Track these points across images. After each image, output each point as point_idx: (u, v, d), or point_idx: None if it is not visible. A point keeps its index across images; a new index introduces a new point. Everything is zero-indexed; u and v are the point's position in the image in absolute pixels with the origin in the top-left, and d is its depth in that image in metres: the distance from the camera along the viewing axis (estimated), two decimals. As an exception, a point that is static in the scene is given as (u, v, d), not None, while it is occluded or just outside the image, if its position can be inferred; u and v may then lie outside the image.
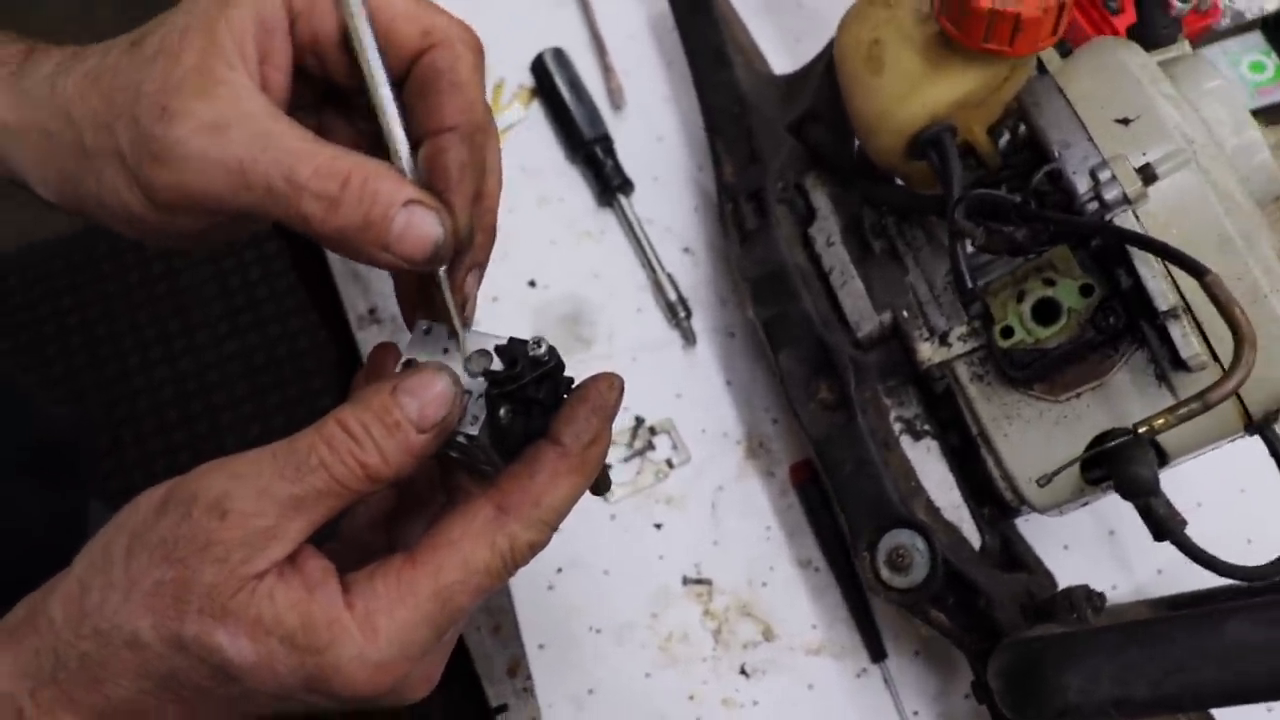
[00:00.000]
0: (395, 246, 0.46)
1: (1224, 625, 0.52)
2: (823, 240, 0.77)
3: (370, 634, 0.43)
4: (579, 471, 0.47)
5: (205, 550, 0.42)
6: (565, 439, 0.47)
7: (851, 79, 0.68)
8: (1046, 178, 0.63)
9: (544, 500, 0.47)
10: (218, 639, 0.42)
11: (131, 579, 0.43)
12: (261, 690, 0.43)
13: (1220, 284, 0.53)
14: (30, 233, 2.29)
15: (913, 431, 0.74)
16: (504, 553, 0.46)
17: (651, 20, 1.03)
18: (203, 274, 2.28)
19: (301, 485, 0.43)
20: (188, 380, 2.19)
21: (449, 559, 0.45)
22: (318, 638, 0.43)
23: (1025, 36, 0.60)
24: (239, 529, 0.42)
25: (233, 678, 0.43)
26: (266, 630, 0.42)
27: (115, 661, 0.43)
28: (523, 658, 0.80)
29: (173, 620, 0.42)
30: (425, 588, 0.44)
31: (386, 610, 0.44)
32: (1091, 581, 0.71)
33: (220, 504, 0.42)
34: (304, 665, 0.43)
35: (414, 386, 0.45)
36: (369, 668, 0.43)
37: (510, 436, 0.48)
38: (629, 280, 0.92)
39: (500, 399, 0.47)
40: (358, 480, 0.44)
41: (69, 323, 2.24)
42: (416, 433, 0.44)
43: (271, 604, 0.42)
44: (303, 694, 0.44)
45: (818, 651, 0.80)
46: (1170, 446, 0.63)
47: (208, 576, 0.42)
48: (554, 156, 0.97)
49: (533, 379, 0.47)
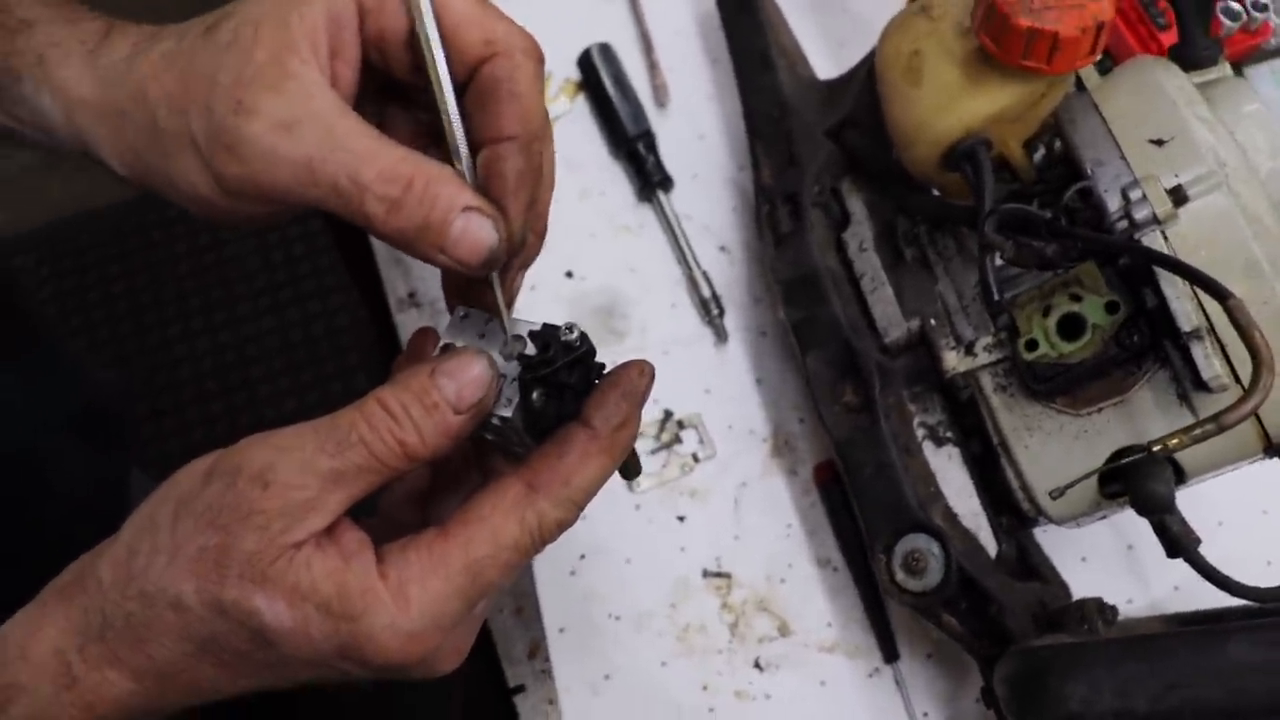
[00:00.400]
0: (451, 250, 0.48)
1: (1226, 644, 0.53)
2: (856, 245, 0.79)
3: (403, 604, 0.45)
4: (607, 453, 0.49)
5: (247, 519, 0.44)
6: (595, 421, 0.49)
7: (891, 88, 0.70)
8: (1078, 195, 0.64)
9: (573, 480, 0.48)
10: (256, 603, 0.44)
11: (176, 544, 0.45)
12: (297, 656, 0.45)
13: (1242, 308, 0.53)
14: (83, 200, 2.34)
15: (935, 438, 0.75)
16: (533, 529, 0.47)
17: (699, 18, 1.05)
18: (247, 247, 2.32)
19: (341, 460, 0.44)
20: (227, 351, 2.23)
21: (479, 533, 0.47)
22: (352, 606, 0.44)
23: (1063, 55, 0.60)
24: (280, 499, 0.44)
25: (270, 642, 0.45)
26: (303, 597, 0.44)
27: (159, 623, 0.45)
28: (543, 640, 0.81)
29: (214, 584, 0.44)
30: (456, 560, 0.46)
31: (419, 581, 0.45)
32: (1107, 595, 0.72)
33: (263, 475, 0.44)
34: (338, 632, 0.44)
35: (452, 369, 0.46)
36: (400, 637, 0.45)
37: (542, 419, 0.50)
38: (664, 275, 0.94)
39: (533, 383, 0.49)
40: (396, 458, 0.45)
41: (115, 289, 2.29)
42: (453, 414, 0.46)
43: (309, 572, 0.44)
44: (336, 660, 0.46)
45: (832, 649, 0.81)
46: (1188, 465, 0.64)
47: (249, 544, 0.44)
48: (597, 150, 0.99)
49: (565, 364, 0.49)
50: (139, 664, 0.45)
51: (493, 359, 0.48)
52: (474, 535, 0.47)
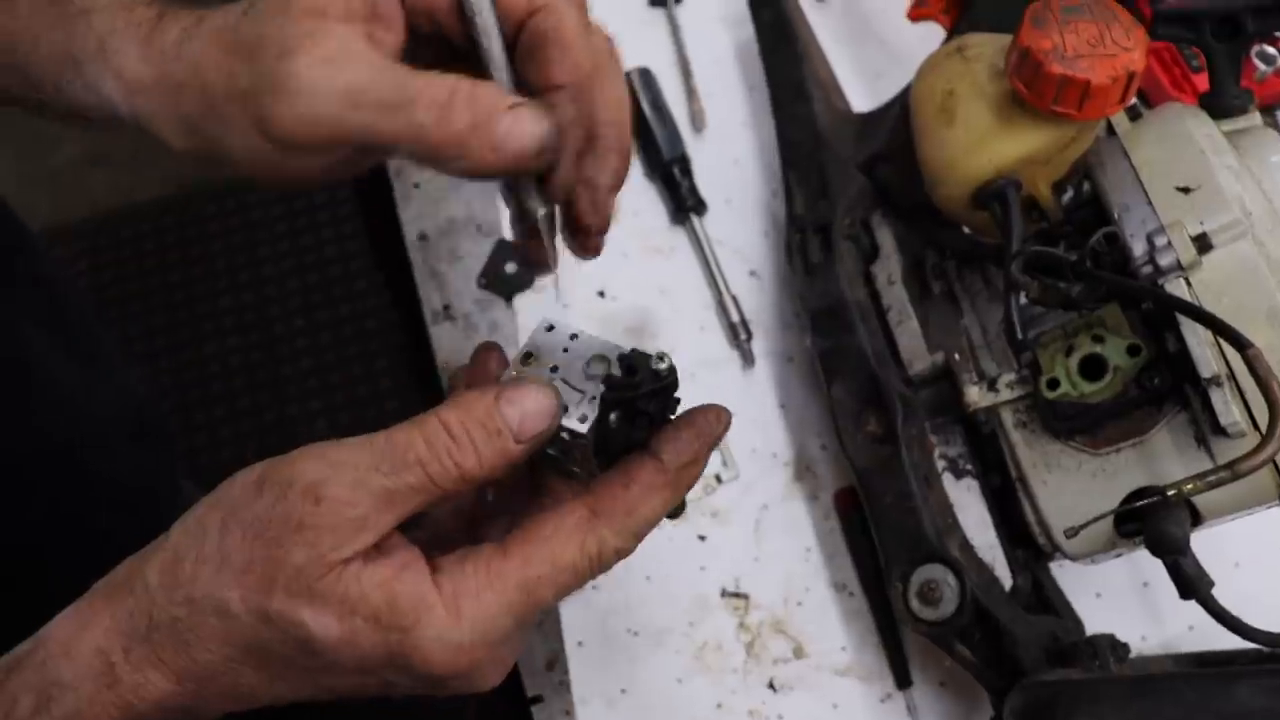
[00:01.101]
0: (504, 145, 0.48)
1: (1232, 688, 0.54)
2: (884, 278, 0.80)
3: (455, 616, 0.45)
4: (671, 488, 0.49)
5: (297, 533, 0.44)
6: (665, 455, 0.49)
7: (923, 126, 0.71)
8: (1104, 239, 0.65)
9: (636, 511, 0.48)
10: (302, 616, 0.44)
11: (224, 554, 0.45)
12: (343, 664, 0.45)
13: (1261, 358, 0.54)
14: (125, 194, 2.38)
15: (956, 470, 0.76)
16: (592, 555, 0.48)
17: (738, 46, 1.06)
18: (281, 249, 2.34)
19: (396, 480, 0.45)
20: (255, 350, 2.25)
21: (538, 553, 0.47)
22: (403, 616, 0.45)
23: (1093, 103, 0.62)
24: (331, 516, 0.44)
25: (316, 652, 0.45)
26: (352, 609, 0.44)
27: (203, 628, 0.45)
28: (561, 653, 0.83)
29: (260, 595, 0.44)
30: (513, 578, 0.46)
31: (473, 595, 0.45)
32: (1121, 631, 0.73)
33: (315, 490, 0.44)
34: (387, 642, 0.45)
35: (518, 397, 0.47)
36: (450, 649, 0.45)
37: (612, 442, 0.50)
38: (695, 298, 0.95)
39: (613, 404, 0.49)
40: (451, 480, 0.46)
41: (150, 284, 2.32)
42: (514, 443, 0.47)
43: (358, 585, 0.44)
44: (382, 669, 0.46)
45: (845, 673, 0.83)
46: (1205, 509, 0.65)
47: (297, 558, 0.44)
48: (633, 172, 0.99)
49: (648, 392, 0.49)
50: (181, 666, 0.46)
51: (558, 392, 0.49)
52: (533, 555, 0.47)
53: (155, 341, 2.26)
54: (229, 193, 2.39)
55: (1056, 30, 0.62)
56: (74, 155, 2.44)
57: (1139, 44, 0.62)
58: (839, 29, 1.08)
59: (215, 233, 2.37)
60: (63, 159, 2.43)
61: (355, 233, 2.35)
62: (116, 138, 1.94)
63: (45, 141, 2.42)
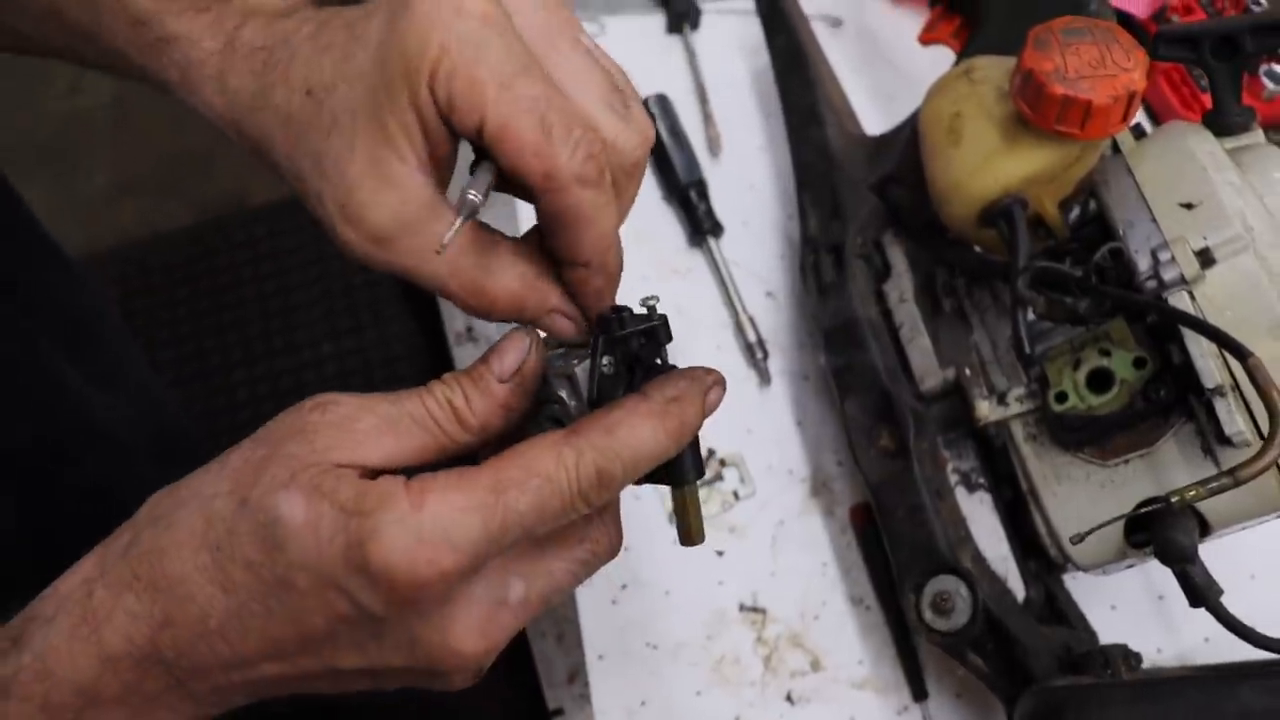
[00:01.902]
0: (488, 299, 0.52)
1: (1236, 690, 0.55)
2: (896, 296, 0.82)
3: (417, 505, 0.44)
4: (656, 417, 0.48)
5: (299, 434, 0.46)
6: (650, 390, 0.50)
7: (932, 147, 0.73)
8: (1109, 254, 0.66)
9: (616, 430, 0.48)
10: (277, 498, 0.44)
11: (224, 460, 0.47)
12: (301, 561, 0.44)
13: (1261, 367, 0.56)
14: (155, 224, 2.42)
15: (968, 484, 0.77)
16: (568, 465, 0.46)
17: (753, 73, 1.09)
18: (308, 276, 2.39)
19: (398, 407, 0.47)
20: (283, 377, 2.29)
21: (512, 461, 0.46)
22: (366, 502, 0.44)
23: (1095, 122, 0.64)
24: (335, 426, 0.46)
25: (278, 543, 0.44)
26: (323, 494, 0.44)
27: (182, 528, 0.46)
28: (582, 666, 0.84)
29: (246, 482, 0.45)
30: (483, 480, 0.45)
31: (438, 490, 0.45)
32: (1137, 644, 0.73)
33: (324, 405, 0.47)
34: (347, 529, 0.44)
35: (499, 347, 0.50)
36: (409, 536, 0.43)
37: (606, 393, 0.51)
38: (712, 318, 0.97)
39: (608, 346, 0.51)
40: (447, 419, 0.48)
41: (180, 313, 2.36)
42: (497, 382, 0.49)
43: (336, 478, 0.45)
44: (341, 572, 0.44)
45: (862, 686, 0.84)
46: (1212, 518, 0.65)
47: (289, 449, 0.46)
48: (651, 196, 1.03)
49: (637, 331, 0.51)
50: (151, 580, 0.46)
51: (537, 333, 0.51)
52: (506, 463, 0.46)
53: (185, 368, 2.30)
54: (257, 220, 2.43)
55: (1058, 52, 0.64)
56: (104, 185, 2.49)
57: (1139, 64, 0.63)
58: (853, 54, 1.10)
59: (244, 260, 2.41)
60: (93, 189, 2.48)
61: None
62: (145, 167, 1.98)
63: (76, 172, 2.48)
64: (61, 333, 0.82)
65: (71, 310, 0.89)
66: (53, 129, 2.54)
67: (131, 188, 2.49)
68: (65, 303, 0.88)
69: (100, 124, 2.57)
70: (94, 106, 2.58)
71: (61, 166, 2.48)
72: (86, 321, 0.90)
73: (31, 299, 0.79)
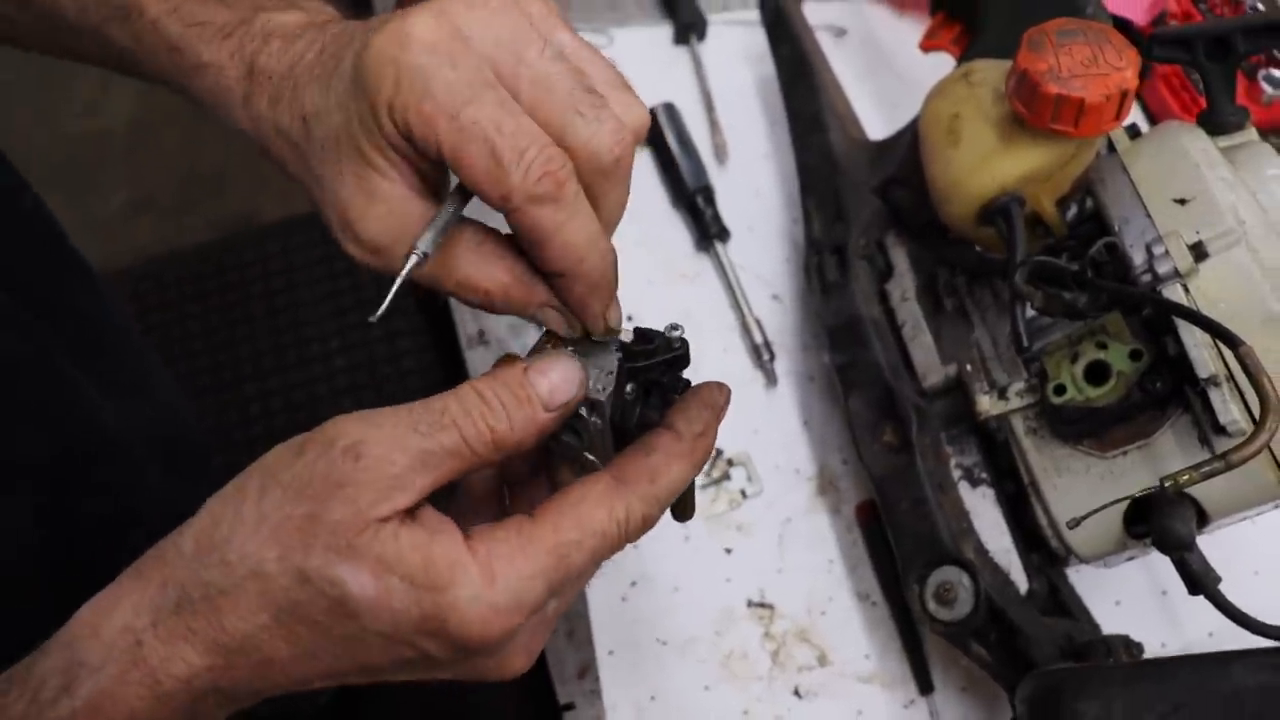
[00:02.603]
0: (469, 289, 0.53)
1: (1228, 667, 0.56)
2: (898, 295, 0.83)
3: (489, 578, 0.46)
4: (689, 457, 0.52)
5: (338, 489, 0.45)
6: (679, 426, 0.52)
7: (932, 148, 0.75)
8: (1105, 249, 0.68)
9: (658, 478, 0.51)
10: (339, 572, 0.45)
11: (262, 514, 0.46)
12: (375, 629, 0.46)
13: (1252, 355, 0.57)
14: (170, 241, 2.45)
15: (971, 478, 0.79)
16: (620, 519, 0.49)
17: (759, 81, 1.11)
18: (319, 292, 2.41)
19: (432, 440, 0.46)
20: (296, 390, 2.31)
21: (568, 518, 0.48)
22: (438, 576, 0.45)
23: (1089, 120, 0.65)
24: (371, 473, 0.45)
25: (350, 614, 0.46)
26: (388, 567, 0.45)
27: (238, 591, 0.46)
28: (593, 662, 0.86)
29: (298, 553, 0.45)
30: (544, 542, 0.47)
31: (506, 557, 0.46)
32: (1141, 638, 0.75)
33: (355, 448, 0.46)
34: (421, 602, 0.45)
35: (546, 368, 0.50)
36: (485, 610, 0.46)
37: (628, 417, 0.52)
38: (719, 321, 0.99)
39: (630, 374, 0.52)
40: (484, 444, 0.47)
41: (193, 328, 2.39)
42: (544, 410, 0.49)
43: (395, 544, 0.45)
44: (416, 636, 0.46)
45: (869, 680, 0.85)
46: (1210, 507, 0.67)
47: (336, 514, 0.45)
48: (659, 202, 1.04)
49: (663, 360, 0.53)
50: (212, 637, 0.46)
51: (584, 365, 0.51)
52: (562, 521, 0.48)
53: (198, 381, 2.32)
54: (269, 237, 2.46)
55: (1052, 53, 0.66)
56: (121, 204, 2.52)
57: (1131, 64, 0.65)
58: (856, 63, 1.12)
59: (256, 276, 2.44)
60: (111, 208, 2.51)
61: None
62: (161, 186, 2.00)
63: (94, 191, 2.51)
64: (77, 341, 0.83)
65: (88, 319, 0.90)
66: (70, 149, 2.58)
67: (148, 206, 2.53)
68: (82, 312, 0.89)
69: (117, 145, 2.61)
70: (111, 128, 2.62)
71: (79, 186, 2.51)
72: (103, 331, 0.91)
73: (46, 306, 0.80)
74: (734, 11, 1.16)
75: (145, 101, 2.64)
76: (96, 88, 2.66)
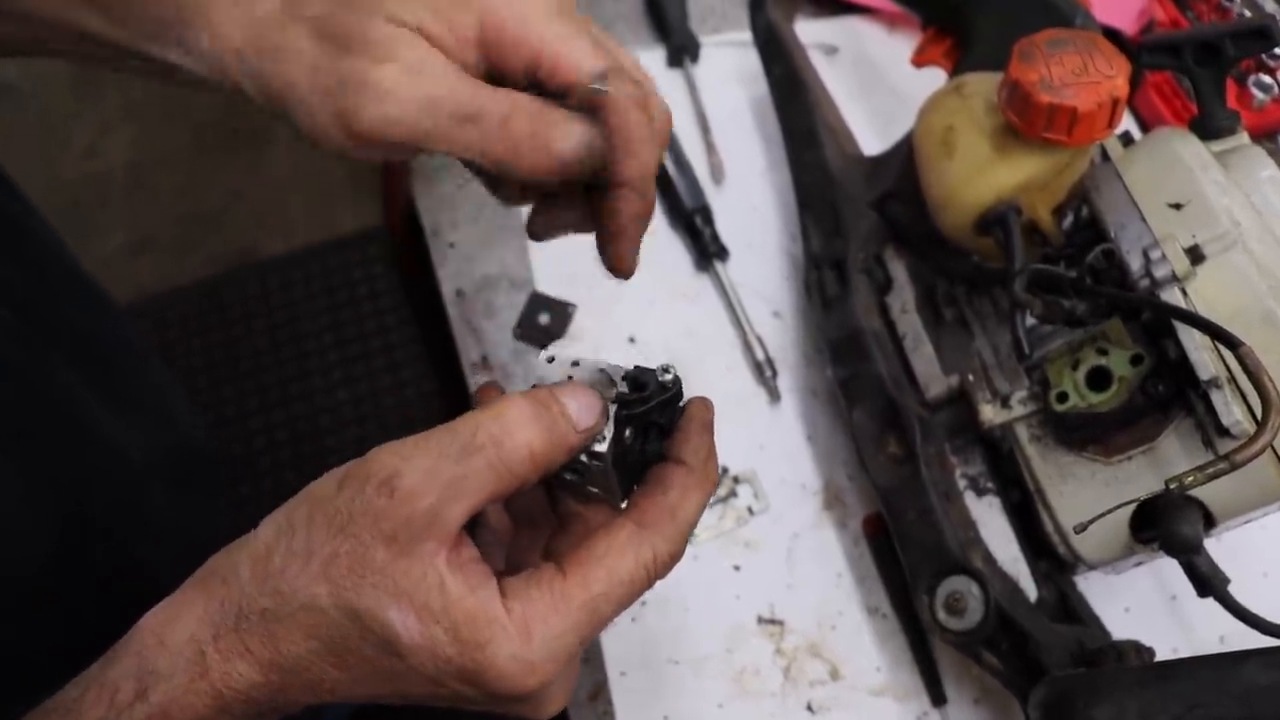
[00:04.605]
0: (558, 148, 0.53)
1: (1241, 667, 0.56)
2: (898, 307, 0.84)
3: (525, 637, 0.47)
4: (702, 485, 0.53)
5: (375, 526, 0.46)
6: (687, 457, 0.53)
7: (927, 160, 0.75)
8: (1102, 255, 0.68)
9: (679, 514, 0.51)
10: (390, 615, 0.46)
11: (310, 548, 0.47)
12: (419, 671, 0.47)
13: (1252, 354, 0.57)
14: (170, 279, 2.46)
15: (977, 488, 0.79)
16: (646, 564, 0.50)
17: (753, 101, 1.12)
18: (321, 324, 2.42)
19: (465, 465, 0.47)
20: (300, 422, 2.31)
21: (596, 571, 0.49)
22: (479, 633, 0.46)
23: (1082, 128, 0.66)
24: (406, 507, 0.46)
25: (396, 654, 0.47)
26: (434, 618, 0.46)
27: (291, 621, 0.47)
28: (605, 684, 0.85)
29: (349, 591, 0.46)
30: (576, 598, 0.48)
31: (541, 617, 0.48)
32: (1151, 644, 0.74)
33: (390, 482, 0.46)
34: (462, 655, 0.46)
35: (571, 392, 0.50)
36: (522, 667, 0.47)
37: (630, 457, 0.53)
38: (721, 339, 0.99)
39: (627, 420, 0.52)
40: (520, 461, 0.48)
41: (196, 364, 2.39)
42: (574, 431, 0.49)
43: (441, 595, 0.46)
44: (455, 682, 0.48)
45: (881, 693, 0.85)
46: (1216, 509, 0.67)
47: (379, 555, 0.46)
48: (657, 224, 1.05)
49: (658, 403, 0.53)
50: (268, 658, 0.47)
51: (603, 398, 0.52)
52: (591, 574, 0.49)
53: (204, 416, 2.33)
54: (269, 272, 2.47)
55: (1043, 63, 0.66)
56: (121, 244, 2.53)
57: (1121, 71, 0.66)
58: (849, 80, 1.13)
59: (257, 310, 2.45)
60: (110, 248, 2.52)
61: (394, 305, 2.42)
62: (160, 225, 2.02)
63: (94, 232, 2.52)
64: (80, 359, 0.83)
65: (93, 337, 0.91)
66: (70, 192, 2.60)
67: (147, 246, 2.54)
68: (87, 330, 0.90)
69: (115, 186, 2.63)
70: (109, 169, 2.64)
71: (79, 227, 2.52)
72: (106, 349, 0.92)
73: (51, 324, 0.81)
74: (726, 33, 1.17)
75: (142, 144, 2.66)
76: (94, 132, 2.68)
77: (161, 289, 2.46)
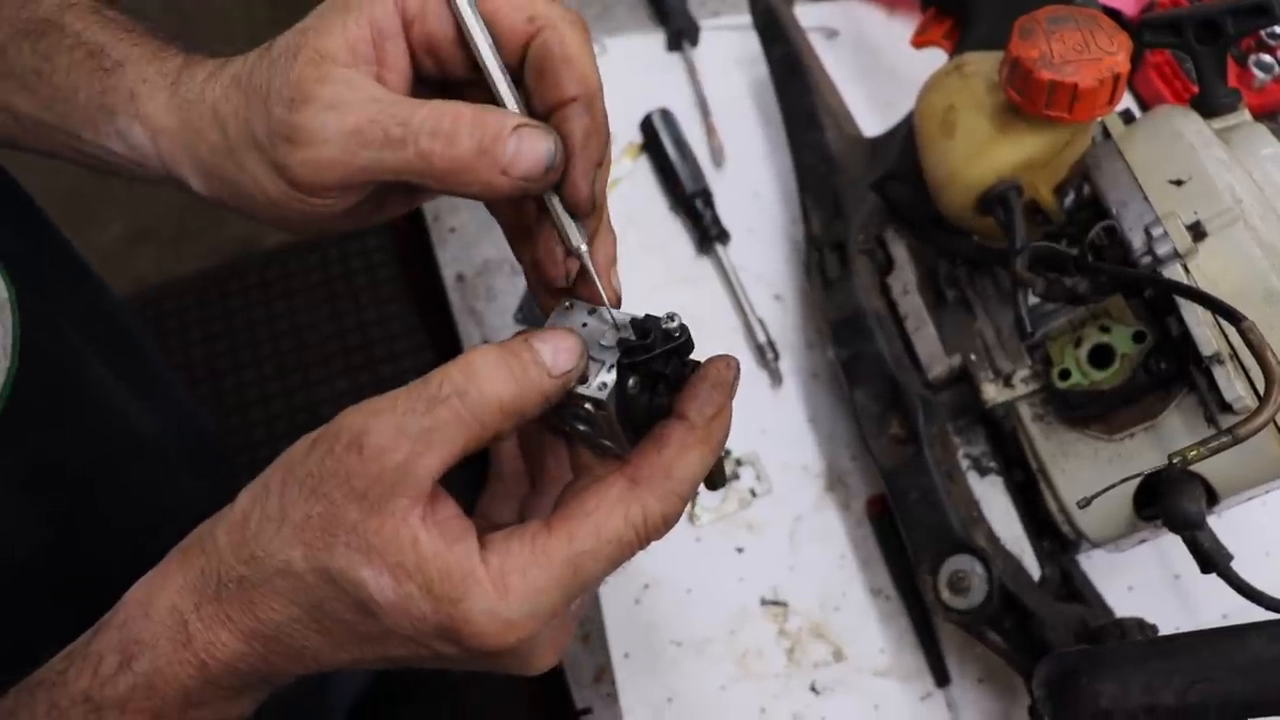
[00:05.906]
0: (512, 168, 0.49)
1: (1245, 640, 0.56)
2: (899, 288, 0.84)
3: (502, 591, 0.46)
4: (704, 443, 0.50)
5: (346, 485, 0.45)
6: (690, 413, 0.50)
7: (928, 141, 0.75)
8: (1104, 232, 0.68)
9: (674, 472, 0.49)
10: (363, 574, 0.45)
11: (284, 511, 0.46)
12: (396, 630, 0.46)
13: (1255, 329, 0.57)
14: (169, 270, 2.46)
15: (979, 468, 0.79)
16: (637, 523, 0.48)
17: (752, 85, 1.11)
18: (321, 315, 2.42)
19: (432, 417, 0.45)
20: (300, 413, 2.31)
21: (582, 528, 0.47)
22: (453, 588, 0.45)
23: (1083, 105, 0.66)
24: (375, 464, 0.45)
25: (373, 614, 0.46)
26: (408, 575, 0.45)
27: (268, 586, 0.46)
28: (608, 665, 0.86)
29: (322, 552, 0.45)
30: (559, 553, 0.47)
31: (519, 570, 0.46)
32: (1154, 622, 0.75)
33: (358, 440, 0.45)
34: (438, 612, 0.45)
35: (548, 336, 0.49)
36: (498, 622, 0.46)
37: (635, 409, 0.51)
38: (722, 323, 1.00)
39: (630, 369, 0.51)
40: (489, 411, 0.46)
41: (195, 355, 2.39)
42: (548, 376, 0.47)
43: (415, 552, 0.45)
44: (434, 640, 0.47)
45: (885, 674, 0.85)
46: (1219, 485, 0.67)
47: (351, 514, 0.45)
48: (658, 207, 1.05)
49: (662, 352, 0.50)
50: (248, 625, 0.47)
51: (584, 340, 0.50)
52: (577, 529, 0.47)
53: (204, 405, 2.32)
54: (269, 262, 2.47)
55: (1044, 40, 0.66)
56: (119, 234, 2.53)
57: (1122, 48, 0.66)
58: (849, 63, 1.13)
59: (257, 301, 2.45)
60: (109, 238, 2.52)
61: (394, 293, 2.42)
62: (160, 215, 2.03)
63: (93, 223, 2.52)
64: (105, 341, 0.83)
65: (112, 322, 0.91)
66: (69, 182, 2.59)
67: (146, 236, 2.54)
68: (105, 314, 0.90)
69: (114, 178, 2.62)
70: (108, 160, 2.64)
71: (79, 218, 2.53)
72: (125, 333, 0.92)
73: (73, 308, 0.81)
74: (725, 16, 1.17)
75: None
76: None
77: (161, 279, 2.46)
